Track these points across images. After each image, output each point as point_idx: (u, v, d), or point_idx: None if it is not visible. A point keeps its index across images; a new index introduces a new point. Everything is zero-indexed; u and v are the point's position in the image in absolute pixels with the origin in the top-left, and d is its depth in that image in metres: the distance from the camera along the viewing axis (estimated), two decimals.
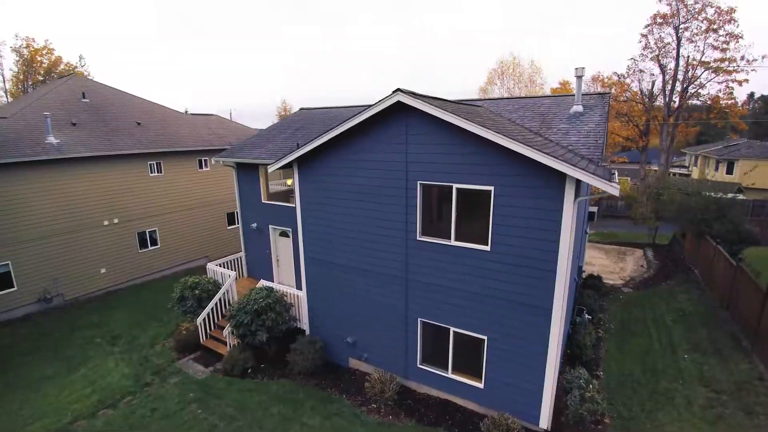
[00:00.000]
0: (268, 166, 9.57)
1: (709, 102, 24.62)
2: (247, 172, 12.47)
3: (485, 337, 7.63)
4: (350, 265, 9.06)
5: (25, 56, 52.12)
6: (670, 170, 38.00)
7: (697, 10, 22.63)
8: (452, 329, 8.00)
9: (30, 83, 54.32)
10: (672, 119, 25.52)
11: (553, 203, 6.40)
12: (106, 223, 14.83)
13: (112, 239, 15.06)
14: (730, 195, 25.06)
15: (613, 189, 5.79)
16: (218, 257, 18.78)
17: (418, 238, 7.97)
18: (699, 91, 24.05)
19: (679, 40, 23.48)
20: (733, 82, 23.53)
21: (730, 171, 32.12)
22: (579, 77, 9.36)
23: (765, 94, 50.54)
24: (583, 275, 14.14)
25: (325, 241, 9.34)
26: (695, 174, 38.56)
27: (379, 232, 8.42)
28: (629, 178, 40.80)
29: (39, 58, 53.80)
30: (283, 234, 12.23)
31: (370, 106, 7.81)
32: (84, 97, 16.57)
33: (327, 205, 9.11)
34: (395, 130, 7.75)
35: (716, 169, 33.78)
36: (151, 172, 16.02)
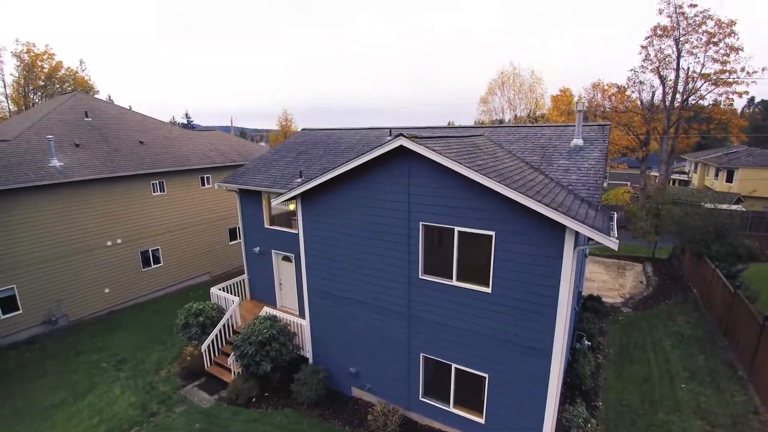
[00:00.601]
0: (272, 199, 9.67)
1: (709, 114, 24.64)
2: (250, 197, 12.57)
3: (486, 375, 7.76)
4: (353, 298, 9.18)
5: (26, 61, 52.24)
6: (671, 176, 38.11)
7: (697, 23, 22.65)
8: (454, 365, 8.13)
9: (31, 88, 54.43)
10: (672, 129, 25.58)
11: (553, 251, 6.51)
12: (109, 243, 14.95)
13: (116, 259, 15.18)
14: (727, 206, 25.19)
15: (612, 244, 5.91)
16: (220, 272, 19.00)
17: (420, 277, 8.09)
18: (699, 102, 24.09)
19: (679, 52, 23.52)
20: (733, 93, 23.59)
21: (729, 179, 32.24)
22: (580, 111, 9.46)
23: (764, 98, 50.52)
24: (582, 297, 14.26)
25: (328, 273, 9.45)
26: (695, 180, 38.69)
27: (382, 267, 8.54)
28: (629, 184, 40.88)
29: (40, 63, 53.92)
30: (286, 259, 12.35)
31: (372, 149, 7.89)
32: (87, 116, 16.65)
33: (330, 238, 9.22)
34: (397, 170, 7.85)
35: (716, 176, 33.89)
36: (154, 192, 16.13)
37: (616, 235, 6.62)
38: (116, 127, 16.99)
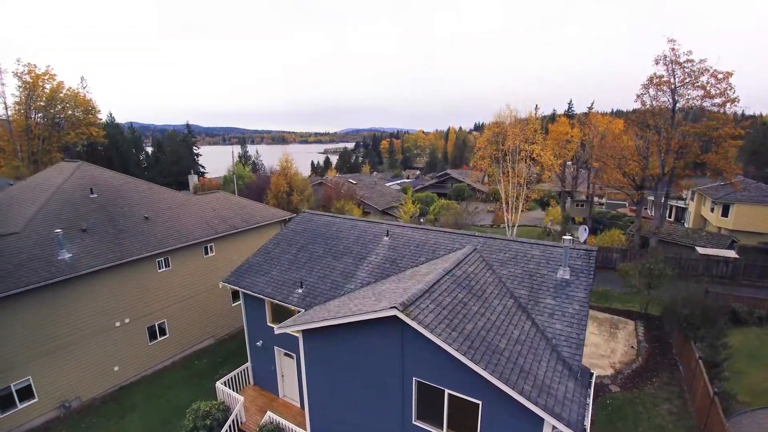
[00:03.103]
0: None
1: (703, 160, 24.90)
2: (254, 297, 13.05)
3: None
4: (352, 429, 9.72)
5: (28, 82, 52.60)
6: (669, 204, 38.41)
7: (693, 77, 22.81)
8: None
9: (32, 108, 54.78)
10: (667, 172, 25.86)
11: (534, 428, 7.05)
12: (117, 324, 15.54)
13: (124, 338, 15.78)
14: (722, 253, 25.55)
15: None
16: (223, 334, 19.62)
17: (414, 422, 8.66)
18: (696, 153, 24.34)
19: (674, 102, 23.72)
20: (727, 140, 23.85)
21: (725, 214, 32.56)
22: (566, 246, 9.91)
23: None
24: None
25: (328, 403, 9.97)
26: (692, 208, 38.98)
27: (378, 406, 9.08)
28: (627, 204, 41.01)
29: (41, 83, 54.26)
30: (288, 355, 12.92)
31: (366, 312, 8.35)
32: (92, 193, 17.10)
33: (330, 373, 9.72)
34: (392, 331, 8.33)
35: (711, 210, 34.20)
36: (160, 268, 16.67)
37: None
38: (121, 202, 17.45)
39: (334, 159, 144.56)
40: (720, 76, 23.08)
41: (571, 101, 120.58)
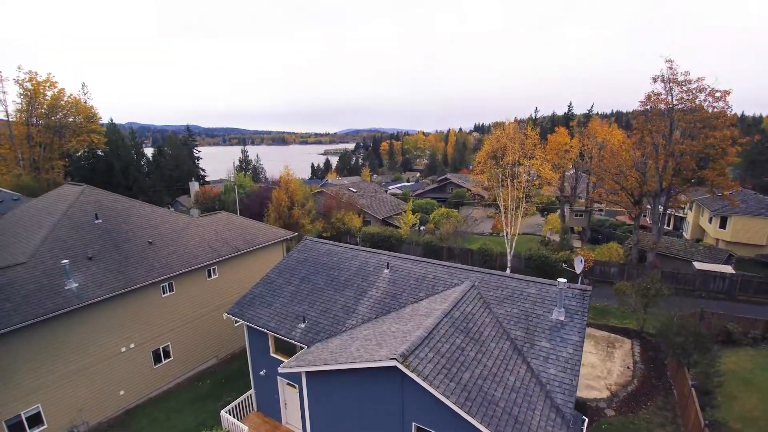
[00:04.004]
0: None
1: (701, 177, 25.15)
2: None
3: None
4: None
5: (29, 89, 52.93)
6: (668, 212, 38.66)
7: (691, 96, 23.04)
8: None
9: (33, 115, 55.08)
10: (665, 185, 26.10)
11: None
12: (123, 350, 15.86)
13: (130, 362, 16.10)
14: (719, 268, 25.85)
15: None
16: (226, 354, 19.95)
17: None
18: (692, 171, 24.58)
19: (672, 121, 23.95)
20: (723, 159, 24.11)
21: (723, 226, 32.83)
22: (561, 290, 10.19)
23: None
24: None
25: None
26: (690, 218, 39.22)
27: None
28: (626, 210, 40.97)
29: (42, 90, 54.58)
30: (291, 385, 13.24)
31: (368, 360, 8.63)
32: (97, 218, 17.39)
33: (332, 411, 10.02)
34: (393, 377, 8.61)
35: (710, 221, 34.46)
36: (164, 293, 16.98)
37: None
38: (125, 227, 17.74)
39: (334, 160, 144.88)
40: (717, 94, 23.31)
41: (570, 104, 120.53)
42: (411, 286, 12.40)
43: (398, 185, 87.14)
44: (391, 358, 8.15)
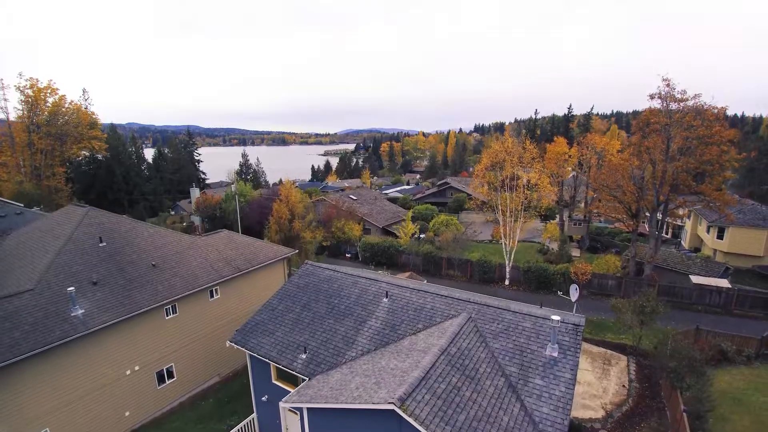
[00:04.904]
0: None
1: (698, 191, 25.40)
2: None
3: None
4: None
5: (30, 96, 53.23)
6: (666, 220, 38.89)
7: (688, 114, 23.26)
8: None
9: (35, 122, 55.36)
10: (662, 199, 26.35)
11: None
12: (128, 372, 16.19)
13: (135, 384, 16.44)
14: (715, 282, 26.10)
15: None
16: (228, 372, 20.29)
17: None
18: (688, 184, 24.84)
19: (669, 138, 24.18)
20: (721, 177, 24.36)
21: (720, 236, 33.09)
22: (554, 327, 10.48)
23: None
24: None
25: None
26: (688, 227, 39.46)
27: None
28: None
29: (43, 97, 54.87)
30: (293, 411, 13.55)
31: (366, 402, 8.93)
32: (101, 242, 17.69)
33: None
34: (391, 418, 8.91)
35: (707, 231, 34.72)
36: (167, 315, 17.30)
37: None
38: (128, 250, 18.04)
39: (334, 162, 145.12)
40: (715, 111, 23.54)
41: (570, 106, 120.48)
42: (410, 317, 12.70)
43: (398, 188, 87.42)
44: (389, 402, 8.45)
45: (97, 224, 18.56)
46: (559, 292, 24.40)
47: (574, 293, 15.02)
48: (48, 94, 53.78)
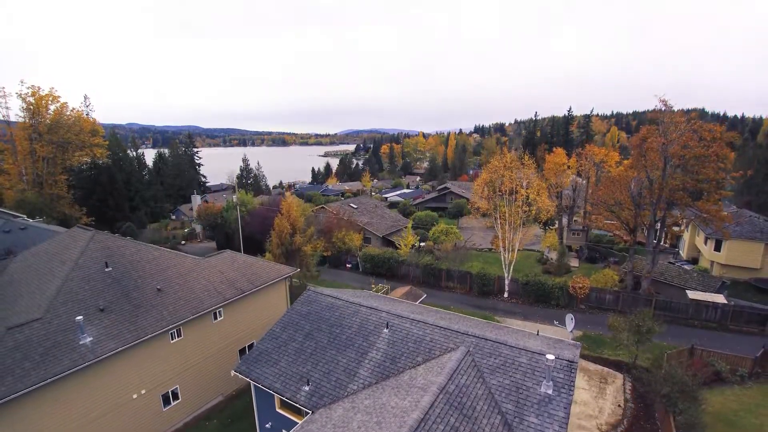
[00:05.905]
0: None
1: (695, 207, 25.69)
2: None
3: None
4: None
5: (31, 103, 53.49)
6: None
7: (685, 133, 23.55)
8: None
9: (36, 130, 55.63)
10: (660, 215, 26.66)
11: None
12: (135, 396, 16.57)
13: (141, 408, 16.82)
14: (711, 298, 26.44)
15: None
16: (231, 391, 20.67)
17: None
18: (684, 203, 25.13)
19: (666, 160, 24.47)
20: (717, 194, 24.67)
21: (718, 248, 33.40)
22: (548, 366, 10.82)
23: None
24: None
25: None
26: (686, 237, 39.77)
27: None
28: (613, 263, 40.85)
29: (45, 104, 55.13)
30: None
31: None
32: (107, 266, 18.04)
33: None
34: None
35: (705, 243, 35.02)
36: (172, 339, 17.67)
37: None
38: (134, 274, 18.39)
39: (334, 163, 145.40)
40: (711, 129, 23.80)
41: (570, 108, 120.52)
42: (409, 349, 13.05)
43: (398, 192, 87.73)
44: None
45: (103, 248, 18.90)
46: (555, 322, 24.80)
47: (570, 323, 15.36)
48: (49, 102, 54.08)
